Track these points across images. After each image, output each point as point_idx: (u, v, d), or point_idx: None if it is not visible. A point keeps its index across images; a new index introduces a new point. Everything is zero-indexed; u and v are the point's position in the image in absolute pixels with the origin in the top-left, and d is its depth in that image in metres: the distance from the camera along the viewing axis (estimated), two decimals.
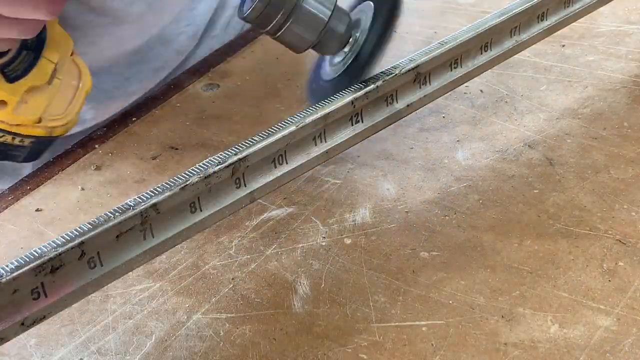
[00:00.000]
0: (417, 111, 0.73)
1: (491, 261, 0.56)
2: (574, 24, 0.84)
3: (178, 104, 0.78)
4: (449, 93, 0.75)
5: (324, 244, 0.59)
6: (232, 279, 0.57)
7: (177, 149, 0.71)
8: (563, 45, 0.81)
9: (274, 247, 0.59)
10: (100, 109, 0.81)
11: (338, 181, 0.65)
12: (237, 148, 0.51)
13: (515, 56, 0.80)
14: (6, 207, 0.65)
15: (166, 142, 0.72)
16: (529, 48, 0.81)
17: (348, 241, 0.59)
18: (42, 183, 0.68)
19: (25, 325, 0.44)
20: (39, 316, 0.44)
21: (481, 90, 0.75)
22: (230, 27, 0.91)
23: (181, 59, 0.86)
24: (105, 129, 0.75)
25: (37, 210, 0.65)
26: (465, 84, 0.76)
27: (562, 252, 0.56)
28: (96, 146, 0.73)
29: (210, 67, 0.84)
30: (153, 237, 0.48)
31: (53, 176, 0.69)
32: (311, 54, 0.58)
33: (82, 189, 0.67)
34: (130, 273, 0.57)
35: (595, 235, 0.57)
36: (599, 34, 0.83)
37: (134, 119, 0.76)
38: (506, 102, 0.73)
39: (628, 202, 0.60)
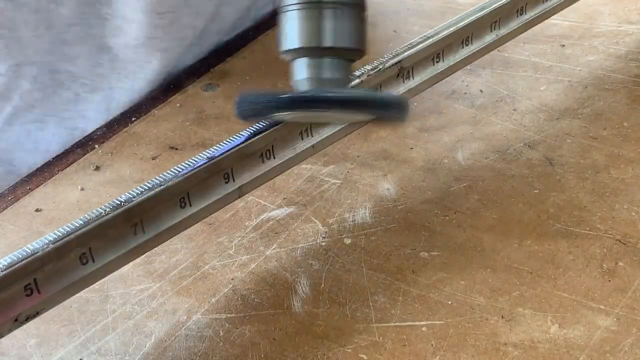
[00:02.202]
0: (417, 111, 0.73)
1: (491, 261, 0.56)
2: (574, 23, 0.85)
3: (178, 104, 0.78)
4: (449, 93, 0.75)
5: (323, 244, 0.59)
6: (232, 279, 0.57)
7: (177, 149, 0.71)
8: (563, 45, 0.81)
9: (274, 247, 0.59)
10: None
11: (338, 181, 0.65)
12: (226, 143, 0.52)
13: (515, 56, 0.80)
14: (6, 207, 0.66)
15: (166, 142, 0.72)
16: (528, 48, 0.81)
17: (348, 241, 0.59)
18: (42, 183, 0.68)
19: (18, 322, 0.44)
20: (32, 312, 0.45)
21: (481, 90, 0.75)
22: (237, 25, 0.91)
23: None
24: (105, 129, 0.75)
25: (37, 210, 0.65)
26: (465, 84, 0.76)
27: (562, 252, 0.56)
28: (96, 146, 0.73)
29: (210, 67, 0.84)
30: (144, 233, 0.49)
31: (53, 176, 0.69)
32: None
33: (82, 189, 0.67)
34: (130, 273, 0.57)
35: (595, 235, 0.57)
36: (599, 34, 0.83)
37: (134, 119, 0.76)
38: (506, 102, 0.73)
39: (628, 202, 0.60)
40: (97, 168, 0.70)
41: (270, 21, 0.92)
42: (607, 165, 0.64)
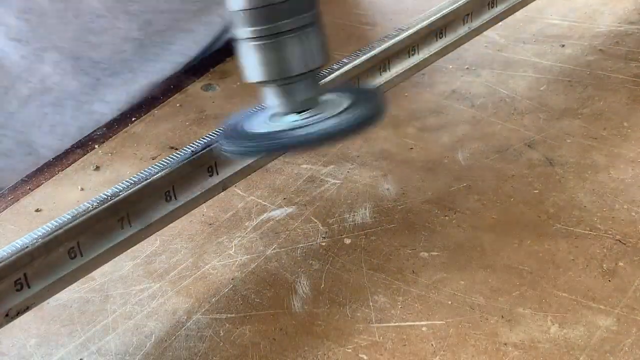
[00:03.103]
0: (417, 111, 0.73)
1: (491, 261, 0.56)
2: (574, 24, 0.85)
3: (178, 104, 0.78)
4: (449, 93, 0.75)
5: (324, 244, 0.59)
6: (232, 279, 0.57)
7: (177, 149, 0.71)
8: (563, 45, 0.81)
9: (274, 247, 0.59)
10: None
11: (338, 181, 0.65)
12: (209, 136, 0.53)
13: (515, 56, 0.80)
14: (6, 207, 0.66)
15: (166, 142, 0.72)
16: (529, 48, 0.81)
17: (348, 241, 0.59)
18: (42, 183, 0.68)
19: (9, 317, 0.44)
20: (22, 307, 0.45)
21: (481, 91, 0.75)
22: None
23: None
24: (105, 129, 0.75)
25: (37, 210, 0.65)
26: (465, 84, 0.76)
27: (562, 252, 0.56)
28: (96, 146, 0.73)
29: (210, 67, 0.84)
30: (130, 227, 0.49)
31: (53, 176, 0.69)
32: None
33: (82, 189, 0.67)
34: (130, 273, 0.57)
35: (595, 235, 0.57)
36: (599, 34, 0.83)
37: (133, 119, 0.76)
38: (506, 102, 0.73)
39: (628, 202, 0.60)
40: (97, 168, 0.70)
41: None
42: (607, 165, 0.64)
